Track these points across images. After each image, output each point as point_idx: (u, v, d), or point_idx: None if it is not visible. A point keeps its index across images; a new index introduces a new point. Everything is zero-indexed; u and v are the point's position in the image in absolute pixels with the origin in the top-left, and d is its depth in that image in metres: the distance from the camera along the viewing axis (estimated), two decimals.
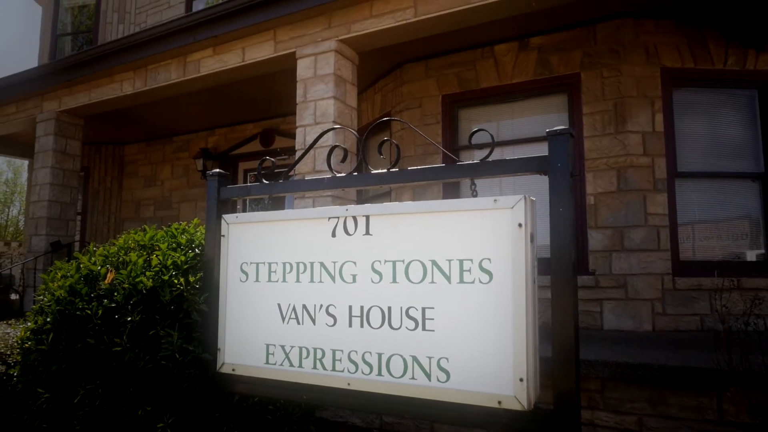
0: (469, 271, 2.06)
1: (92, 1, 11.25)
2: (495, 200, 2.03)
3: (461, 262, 2.08)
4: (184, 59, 6.25)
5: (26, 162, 12.56)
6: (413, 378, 2.14)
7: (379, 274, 2.25)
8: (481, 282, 2.03)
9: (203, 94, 7.07)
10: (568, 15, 5.32)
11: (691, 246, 5.28)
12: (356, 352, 2.27)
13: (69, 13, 11.63)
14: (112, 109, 7.46)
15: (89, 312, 2.81)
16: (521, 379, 1.91)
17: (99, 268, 3.02)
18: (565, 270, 1.94)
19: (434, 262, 2.14)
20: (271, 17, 5.38)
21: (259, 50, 5.66)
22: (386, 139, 2.47)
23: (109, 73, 6.90)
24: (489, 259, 2.02)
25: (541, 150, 2.04)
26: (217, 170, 2.83)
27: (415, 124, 6.11)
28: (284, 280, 2.50)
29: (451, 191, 5.80)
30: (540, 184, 2.08)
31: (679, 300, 5.01)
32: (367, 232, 2.31)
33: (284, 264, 2.51)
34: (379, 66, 6.54)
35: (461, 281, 2.07)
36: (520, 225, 1.97)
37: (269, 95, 7.52)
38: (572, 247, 1.95)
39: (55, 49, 11.40)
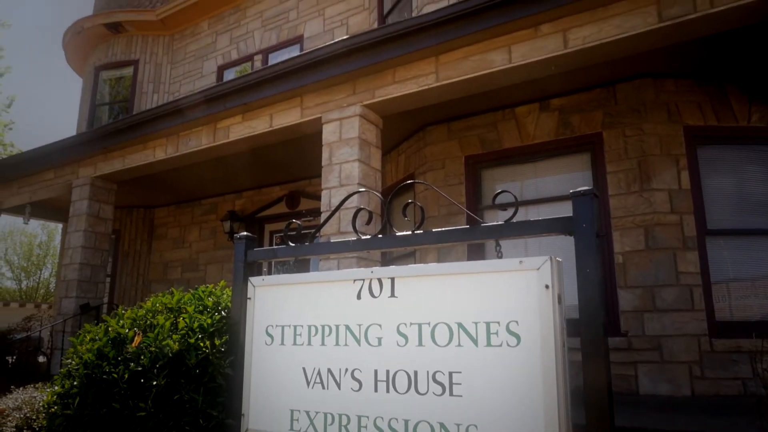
0: (497, 334, 2.02)
1: (129, 73, 11.88)
2: (520, 261, 2.02)
3: (488, 324, 2.05)
4: (214, 126, 6.50)
5: (60, 225, 12.96)
6: None
7: (405, 337, 2.23)
8: (509, 345, 1.99)
9: (232, 158, 7.29)
10: (586, 77, 5.42)
11: (727, 305, 5.10)
12: (382, 418, 2.22)
13: (107, 84, 12.28)
14: (145, 174, 7.72)
15: (115, 376, 2.81)
16: None
17: (127, 331, 3.05)
18: (595, 332, 1.90)
19: (460, 325, 2.11)
20: (298, 85, 5.60)
21: (287, 116, 5.86)
22: (410, 202, 2.50)
23: (143, 140, 7.18)
24: (516, 322, 1.99)
25: (567, 209, 2.03)
26: (245, 233, 2.88)
27: (438, 185, 6.17)
28: (309, 344, 2.48)
29: (476, 251, 5.77)
30: (566, 241, 2.07)
31: (717, 363, 4.80)
32: (393, 295, 2.30)
33: (309, 327, 2.50)
34: (402, 128, 6.69)
35: (488, 344, 2.04)
36: (546, 286, 1.95)
37: (295, 158, 7.72)
38: (602, 308, 1.91)
39: (92, 118, 11.97)
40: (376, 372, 2.27)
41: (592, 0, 4.24)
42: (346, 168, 5.24)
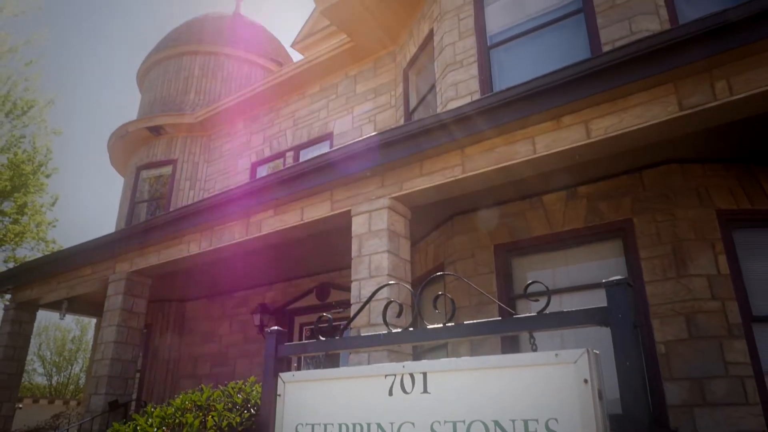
0: None
1: (168, 172, 12.47)
2: (556, 355, 1.96)
3: (526, 422, 1.95)
4: (247, 220, 6.68)
5: (93, 320, 13.14)
6: None
7: None
8: None
9: (263, 251, 7.42)
10: (612, 164, 5.47)
11: None
12: None
13: (146, 182, 12.88)
14: (178, 268, 7.88)
15: None
16: None
17: (155, 430, 3.00)
18: (640, 429, 1.79)
19: (497, 423, 2.02)
20: (328, 180, 5.78)
21: (317, 209, 6.00)
22: (440, 294, 2.49)
23: (178, 236, 7.39)
24: (556, 420, 1.90)
25: (602, 297, 1.99)
26: (276, 327, 2.88)
27: (468, 275, 6.12)
28: None
29: (511, 342, 5.61)
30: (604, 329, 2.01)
31: None
32: (425, 390, 2.23)
33: (340, 426, 2.42)
34: (431, 219, 6.76)
35: None
36: (585, 381, 1.87)
37: (325, 250, 7.81)
38: (646, 403, 1.81)
39: (131, 215, 12.46)
40: None
41: (612, 91, 4.37)
42: (376, 259, 5.27)
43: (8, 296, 10.50)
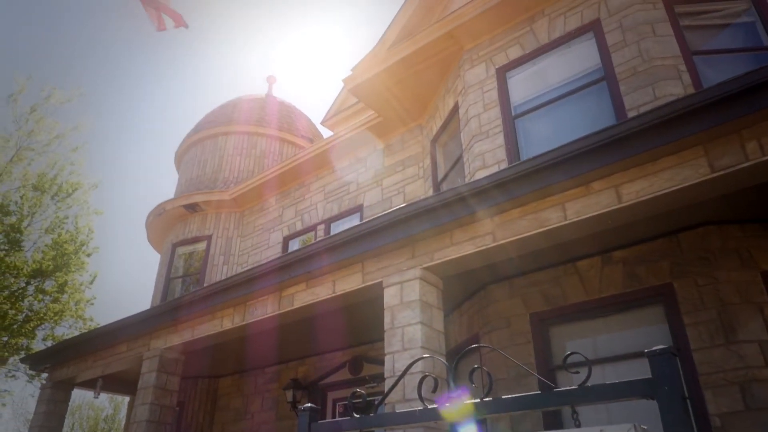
0: None
1: (202, 248, 12.73)
2: (601, 430, 1.86)
3: None
4: (279, 294, 6.70)
5: (126, 398, 13.09)
6: None
7: None
8: None
9: (295, 325, 7.39)
10: (647, 228, 5.38)
11: None
12: None
13: (182, 258, 13.15)
14: (211, 343, 7.87)
15: None
16: None
17: None
18: None
19: None
20: (359, 252, 5.81)
21: (348, 282, 6.00)
22: (476, 366, 2.42)
23: (212, 311, 7.44)
24: None
25: (646, 366, 1.91)
26: (309, 405, 2.82)
27: (504, 345, 5.96)
28: None
29: (552, 417, 5.35)
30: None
31: None
32: None
33: None
34: (463, 288, 6.68)
35: None
36: None
37: (357, 322, 7.73)
38: None
39: (167, 291, 12.64)
40: None
41: (641, 156, 4.36)
42: (409, 331, 5.19)
43: (44, 375, 10.59)
